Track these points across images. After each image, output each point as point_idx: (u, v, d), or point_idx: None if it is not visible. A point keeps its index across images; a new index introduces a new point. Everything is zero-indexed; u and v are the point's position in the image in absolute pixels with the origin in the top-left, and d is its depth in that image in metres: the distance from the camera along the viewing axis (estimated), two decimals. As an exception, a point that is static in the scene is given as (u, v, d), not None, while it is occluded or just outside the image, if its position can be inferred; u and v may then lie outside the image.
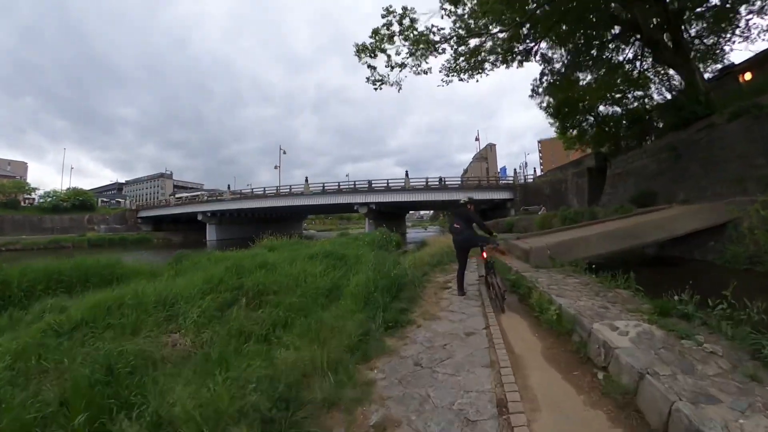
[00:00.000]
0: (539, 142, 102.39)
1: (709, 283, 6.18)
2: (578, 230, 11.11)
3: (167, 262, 13.19)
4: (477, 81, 19.82)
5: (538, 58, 21.06)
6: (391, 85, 18.65)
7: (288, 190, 48.34)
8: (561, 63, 21.94)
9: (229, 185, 56.59)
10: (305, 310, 6.54)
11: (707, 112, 15.11)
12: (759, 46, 19.48)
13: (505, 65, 19.44)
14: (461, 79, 19.06)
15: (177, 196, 68.24)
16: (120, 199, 78.87)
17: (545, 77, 22.18)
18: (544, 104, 24.92)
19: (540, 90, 23.17)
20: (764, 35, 17.74)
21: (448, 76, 18.93)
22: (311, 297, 7.24)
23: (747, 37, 18.22)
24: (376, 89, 18.61)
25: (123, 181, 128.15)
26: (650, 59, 21.26)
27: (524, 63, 20.13)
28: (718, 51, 19.86)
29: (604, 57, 21.46)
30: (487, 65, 19.12)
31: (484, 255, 6.44)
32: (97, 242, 43.70)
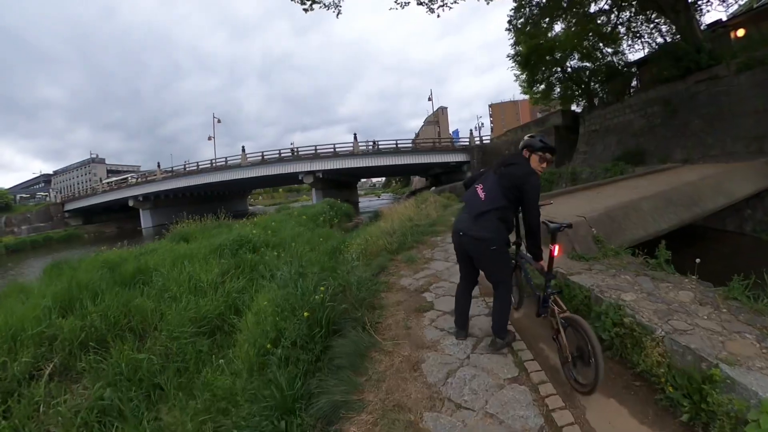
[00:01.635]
0: (490, 106, 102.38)
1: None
2: (597, 193, 7.96)
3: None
4: (438, 15, 16.28)
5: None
6: (327, 7, 14.50)
7: (224, 162, 42.81)
8: (537, 3, 19.09)
9: (159, 163, 49.32)
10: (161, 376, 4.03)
11: (711, 63, 13.62)
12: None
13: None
14: (420, 3, 15.27)
15: (105, 181, 59.47)
16: (45, 193, 68.22)
17: (522, 10, 19.22)
18: (513, 51, 22.83)
19: (517, 23, 20.30)
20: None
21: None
22: (184, 339, 4.64)
23: None
24: (306, 10, 14.36)
25: (51, 172, 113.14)
26: (629, 10, 19.76)
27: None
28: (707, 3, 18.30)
29: (578, 5, 19.49)
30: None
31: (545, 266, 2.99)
32: (16, 247, 35.98)
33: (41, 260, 10.41)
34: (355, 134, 38.98)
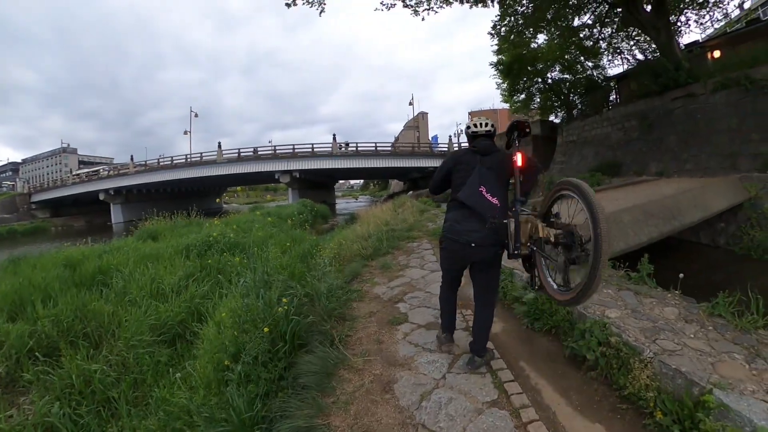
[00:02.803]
0: (469, 113, 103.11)
1: (753, 280, 4.15)
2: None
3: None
4: (422, 18, 16.19)
5: (496, 4, 17.87)
6: (311, 4, 14.24)
7: (199, 157, 41.58)
8: (522, 13, 19.26)
9: (132, 156, 46.89)
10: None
11: (689, 81, 13.90)
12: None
13: (459, 2, 15.86)
14: (406, 5, 15.18)
15: (75, 173, 56.42)
16: (12, 183, 65.05)
17: (507, 18, 19.33)
18: (496, 59, 23.02)
19: (501, 30, 20.37)
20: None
21: (390, -5, 15.02)
22: (142, 348, 4.30)
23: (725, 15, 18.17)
24: (288, 5, 14.05)
25: (20, 161, 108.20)
26: (611, 26, 20.04)
27: (480, 4, 16.72)
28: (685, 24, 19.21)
29: (562, 18, 19.61)
30: (438, -5, 15.43)
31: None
32: (-26, 240, 33.88)
33: (2, 255, 9.78)
34: (334, 135, 38.58)
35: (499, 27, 20.17)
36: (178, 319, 4.86)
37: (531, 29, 20.38)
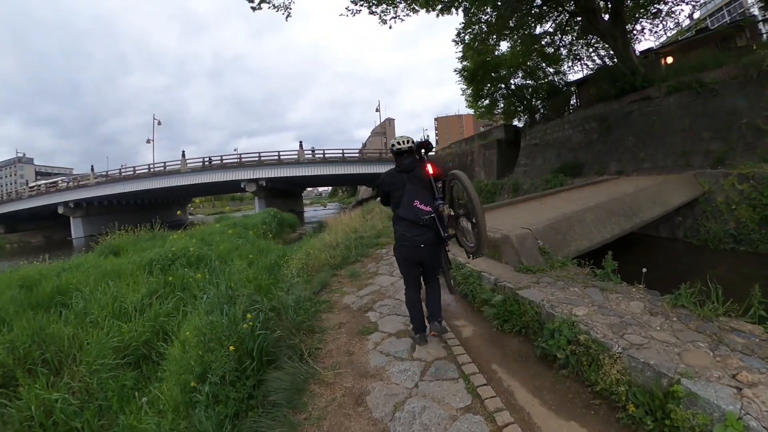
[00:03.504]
0: (435, 119, 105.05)
1: (711, 269, 4.95)
2: (540, 204, 8.06)
3: None
4: (390, 27, 16.28)
5: (461, 12, 18.06)
6: (277, 8, 14.09)
7: (162, 167, 40.24)
8: (486, 21, 19.68)
9: (92, 166, 44.79)
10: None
11: (644, 85, 14.54)
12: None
13: (425, 9, 15.99)
14: (372, 12, 15.19)
15: (31, 185, 52.69)
16: None
17: (471, 27, 19.68)
18: (460, 65, 23.26)
19: (465, 38, 20.66)
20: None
21: (356, 4, 14.98)
22: (106, 372, 4.04)
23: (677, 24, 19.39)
24: (254, 8, 13.79)
25: None
26: (572, 34, 20.77)
27: (446, 13, 16.90)
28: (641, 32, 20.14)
29: (525, 26, 20.08)
30: (402, 4, 15.50)
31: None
32: None
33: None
34: (300, 142, 38.54)
35: (463, 35, 20.39)
36: (142, 340, 4.65)
37: (494, 36, 20.67)
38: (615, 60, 18.06)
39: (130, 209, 45.95)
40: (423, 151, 3.51)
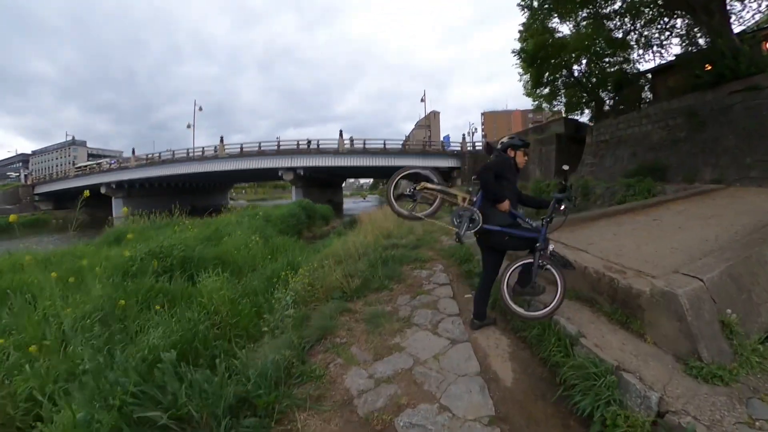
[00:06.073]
0: (483, 114, 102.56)
1: None
2: (653, 220, 5.65)
3: None
4: None
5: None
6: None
7: (201, 152, 40.19)
8: None
9: (133, 149, 46.10)
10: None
11: (751, 71, 12.01)
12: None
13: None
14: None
15: (77, 165, 55.74)
16: (17, 173, 64.76)
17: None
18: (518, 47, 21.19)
19: (533, 2, 18.79)
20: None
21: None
22: None
23: None
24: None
25: (30, 152, 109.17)
26: (644, 17, 18.35)
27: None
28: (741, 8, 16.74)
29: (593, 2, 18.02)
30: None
31: None
32: (-28, 229, 32.80)
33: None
34: (341, 131, 36.64)
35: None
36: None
37: (561, 11, 18.82)
38: (692, 48, 15.87)
39: (170, 192, 46.26)
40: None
